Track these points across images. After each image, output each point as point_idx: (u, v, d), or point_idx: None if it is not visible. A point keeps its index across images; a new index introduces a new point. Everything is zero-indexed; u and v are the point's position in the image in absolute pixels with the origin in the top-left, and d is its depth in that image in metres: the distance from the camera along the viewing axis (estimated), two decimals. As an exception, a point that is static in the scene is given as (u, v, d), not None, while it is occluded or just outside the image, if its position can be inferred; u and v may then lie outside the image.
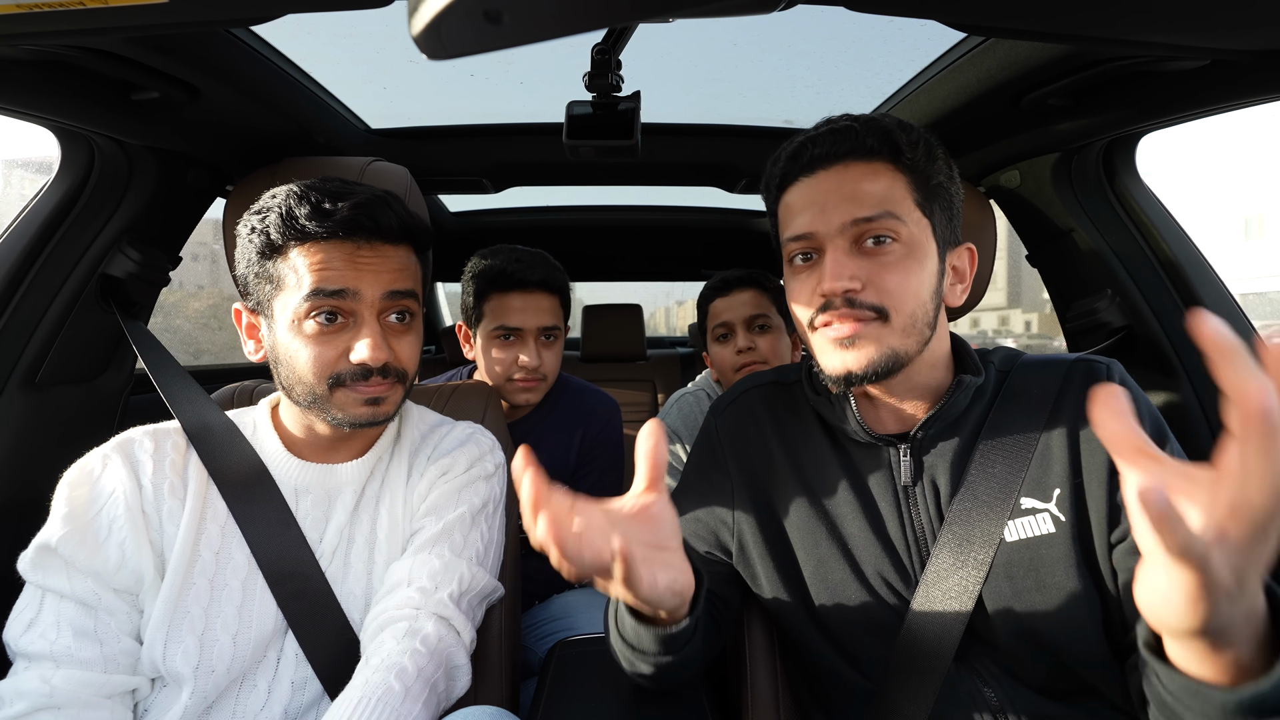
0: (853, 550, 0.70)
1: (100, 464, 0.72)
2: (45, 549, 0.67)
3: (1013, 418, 0.70)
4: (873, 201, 0.65)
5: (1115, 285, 1.13)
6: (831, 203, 0.66)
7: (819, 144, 0.67)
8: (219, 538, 0.74)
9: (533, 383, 1.24)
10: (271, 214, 0.72)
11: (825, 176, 0.67)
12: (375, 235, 0.74)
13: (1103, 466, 0.65)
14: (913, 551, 0.69)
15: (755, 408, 0.81)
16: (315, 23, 0.99)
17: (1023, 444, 0.68)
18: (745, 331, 1.40)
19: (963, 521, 0.67)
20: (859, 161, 0.67)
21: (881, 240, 0.65)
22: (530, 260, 1.24)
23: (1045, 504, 0.66)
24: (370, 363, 0.72)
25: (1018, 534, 0.65)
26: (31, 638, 0.65)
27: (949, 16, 0.62)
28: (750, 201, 2.06)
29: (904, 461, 0.71)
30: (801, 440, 0.77)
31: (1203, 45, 0.65)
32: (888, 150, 0.66)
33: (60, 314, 1.00)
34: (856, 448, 0.74)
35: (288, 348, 0.72)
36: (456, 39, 0.36)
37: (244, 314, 0.79)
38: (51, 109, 0.84)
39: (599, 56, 0.90)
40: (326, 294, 0.71)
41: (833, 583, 0.70)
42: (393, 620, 0.70)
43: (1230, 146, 28.81)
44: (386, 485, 0.82)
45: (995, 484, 0.67)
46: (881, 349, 0.65)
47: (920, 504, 0.70)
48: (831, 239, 0.66)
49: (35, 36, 0.62)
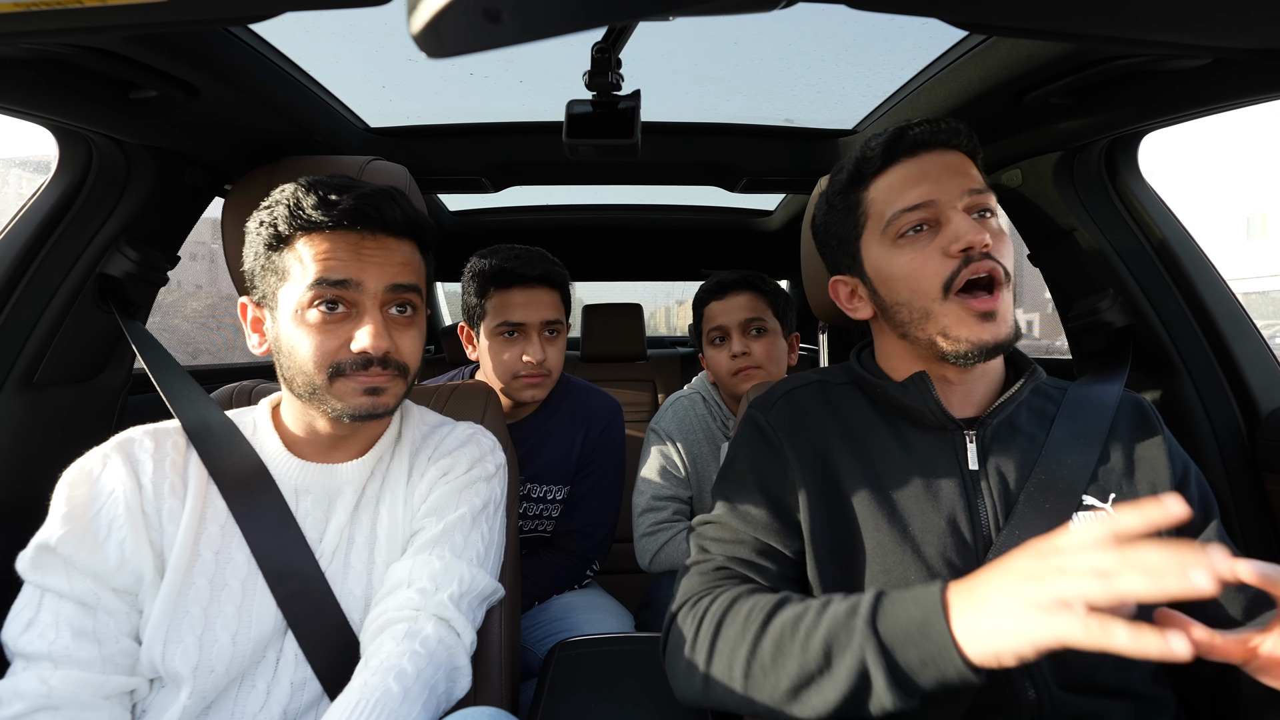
0: (914, 535, 0.70)
1: (100, 463, 0.72)
2: (44, 548, 0.67)
3: (1078, 425, 0.75)
4: (976, 178, 0.73)
5: (1117, 285, 1.13)
6: (946, 175, 0.72)
7: (919, 130, 0.73)
8: (219, 537, 0.74)
9: (538, 378, 1.24)
10: (279, 206, 0.73)
11: (929, 157, 0.73)
12: (379, 227, 0.75)
13: (1150, 484, 0.72)
14: (977, 535, 0.70)
15: (807, 400, 0.81)
16: (314, 21, 0.99)
17: (1089, 447, 0.73)
18: (741, 336, 1.39)
19: (1033, 509, 0.69)
20: (955, 150, 0.74)
21: (984, 214, 0.72)
22: (530, 256, 1.24)
23: (1103, 504, 0.70)
24: (371, 351, 0.72)
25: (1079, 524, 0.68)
26: (30, 638, 0.65)
27: (950, 15, 0.62)
28: (750, 201, 2.06)
29: (971, 447, 0.72)
30: (862, 427, 0.77)
31: (1205, 44, 0.65)
32: (971, 149, 0.75)
33: (58, 313, 0.99)
34: (919, 434, 0.74)
35: (290, 338, 0.73)
36: (456, 37, 0.36)
37: (249, 308, 0.79)
38: (49, 108, 0.84)
39: (599, 55, 0.90)
40: (330, 283, 0.71)
41: (890, 565, 0.69)
42: (392, 622, 0.70)
43: (1232, 145, 28.81)
44: (387, 485, 0.82)
45: (1065, 477, 0.70)
46: (1011, 321, 0.71)
47: (986, 491, 0.71)
48: (952, 205, 0.71)
49: (33, 35, 0.61)
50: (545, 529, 1.36)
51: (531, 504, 1.33)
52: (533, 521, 1.34)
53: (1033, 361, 0.78)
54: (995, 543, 0.68)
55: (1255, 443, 1.03)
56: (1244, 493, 1.03)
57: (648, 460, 1.46)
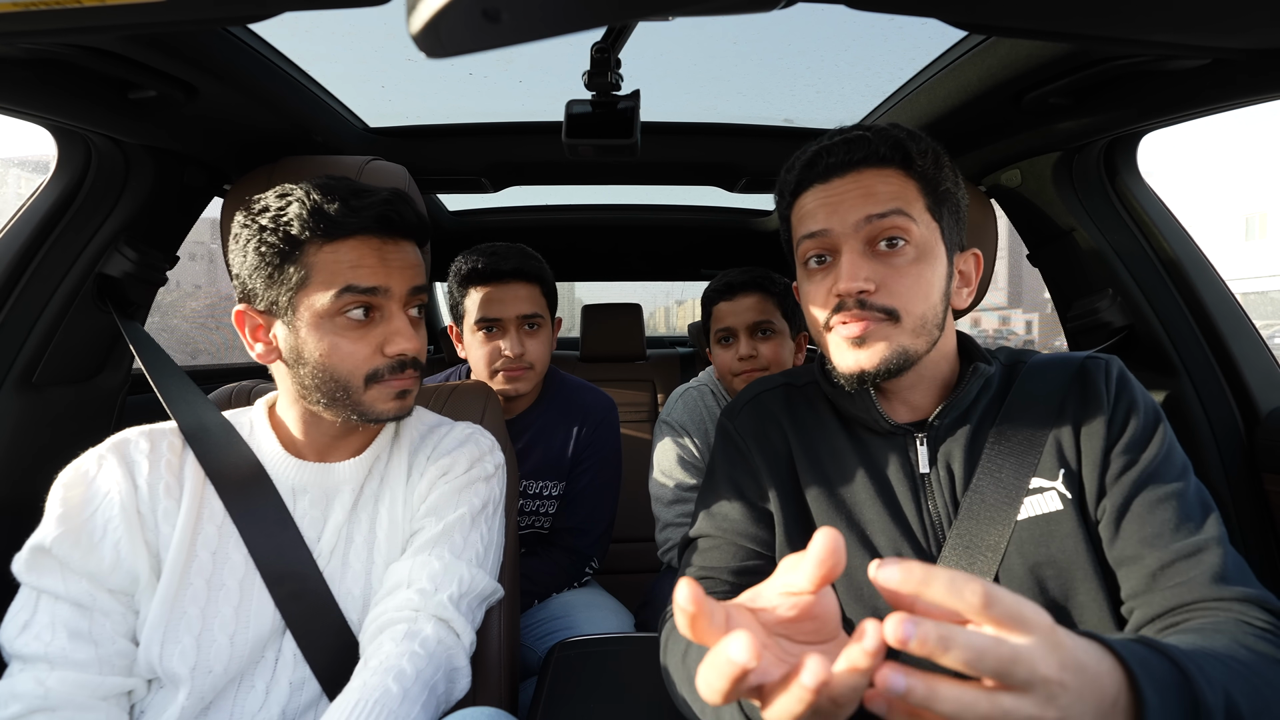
0: (870, 537, 0.71)
1: (95, 465, 0.71)
2: (40, 550, 0.66)
3: (1026, 408, 0.72)
4: (884, 199, 0.68)
5: (1116, 285, 1.13)
6: (846, 202, 0.69)
7: (834, 153, 0.70)
8: (216, 538, 0.73)
9: (518, 371, 1.26)
10: (291, 211, 0.71)
11: (839, 182, 0.70)
12: (400, 232, 0.76)
13: (1097, 452, 0.68)
14: (929, 535, 0.70)
15: (770, 407, 0.83)
16: (313, 21, 0.99)
17: (1035, 433, 0.71)
18: (748, 338, 1.40)
19: (980, 504, 0.69)
20: (872, 169, 0.69)
21: (894, 243, 0.68)
22: (505, 252, 1.27)
23: (1052, 482, 0.69)
24: (410, 353, 0.76)
25: (1028, 511, 0.68)
26: (26, 639, 0.64)
27: (950, 15, 0.62)
28: (750, 201, 2.06)
29: (921, 450, 0.73)
30: (818, 434, 0.78)
31: (1204, 44, 0.65)
32: (899, 158, 0.69)
33: (57, 314, 0.99)
34: (874, 439, 0.75)
35: (315, 345, 0.72)
36: (455, 37, 0.36)
37: (248, 315, 0.76)
38: (48, 108, 0.84)
39: (598, 55, 0.90)
40: (360, 290, 0.72)
41: (850, 569, 0.71)
42: (392, 622, 0.70)
43: (1231, 145, 28.83)
44: (386, 484, 0.82)
45: (1010, 469, 0.69)
46: (892, 347, 0.68)
47: (936, 490, 0.71)
48: (846, 239, 0.69)
49: (32, 35, 0.61)
50: (542, 525, 1.36)
51: (527, 500, 1.34)
52: (529, 518, 1.35)
53: (985, 355, 0.76)
54: (945, 545, 0.69)
55: (1254, 443, 1.03)
56: (1243, 493, 1.03)
57: (663, 452, 1.45)
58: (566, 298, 41.33)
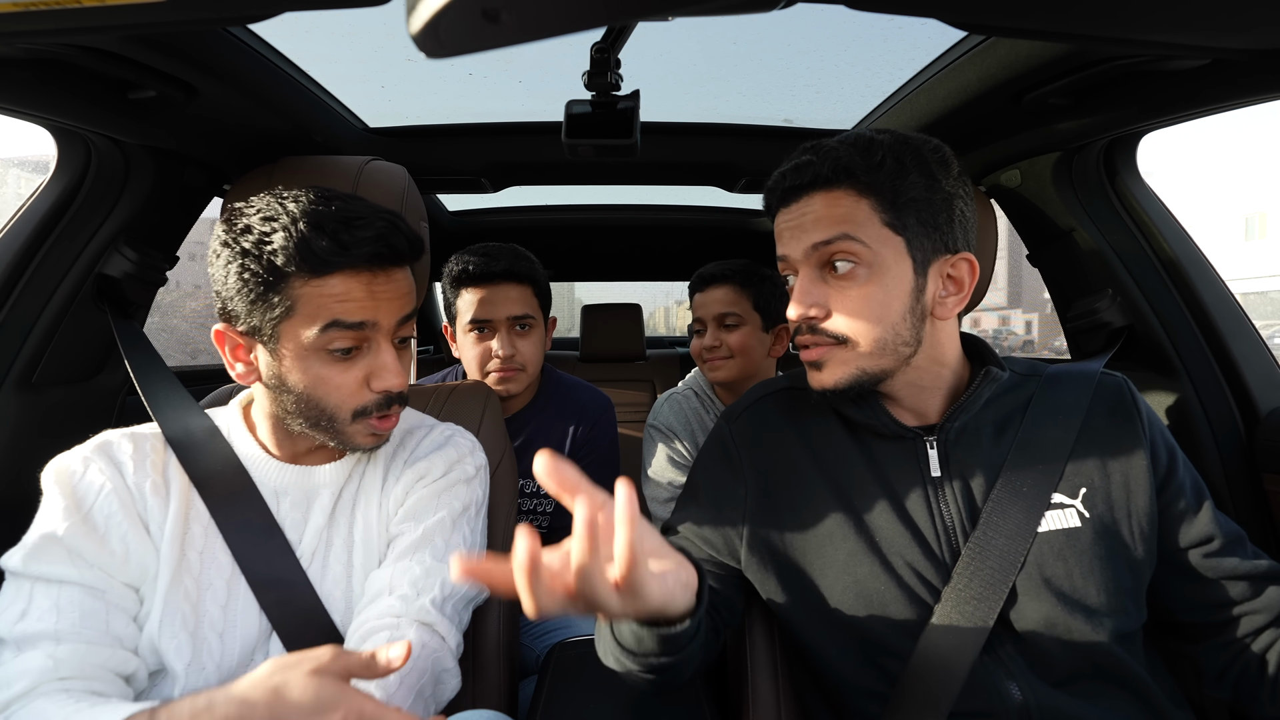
0: (880, 544, 0.71)
1: (81, 465, 0.71)
2: (51, 539, 0.65)
3: (1050, 422, 0.73)
4: (829, 224, 0.68)
5: (1116, 285, 1.13)
6: (800, 227, 0.71)
7: (787, 177, 0.72)
8: (202, 538, 0.73)
9: (510, 372, 1.26)
10: (276, 240, 0.67)
11: (796, 206, 0.72)
12: (390, 261, 0.72)
13: (1124, 476, 0.71)
14: (943, 542, 0.70)
15: (772, 412, 0.82)
16: (313, 21, 0.99)
17: (1058, 444, 0.71)
18: (715, 329, 1.43)
19: (1000, 515, 0.68)
20: (820, 191, 0.70)
21: (843, 266, 0.68)
22: (496, 253, 1.26)
23: (1072, 500, 0.70)
24: (396, 389, 0.74)
25: (1049, 525, 0.68)
26: (29, 622, 0.63)
27: (949, 15, 0.62)
28: (750, 201, 2.06)
29: (932, 454, 0.72)
30: (824, 439, 0.77)
31: (1203, 44, 0.65)
32: (844, 177, 0.68)
33: (56, 314, 0.99)
34: (881, 443, 0.75)
35: (298, 376, 0.71)
36: (455, 37, 0.36)
37: (227, 335, 0.73)
38: (48, 108, 0.84)
39: (598, 55, 0.90)
40: (346, 326, 0.69)
41: (860, 575, 0.70)
42: (375, 630, 0.70)
43: (1231, 146, 28.84)
44: (363, 490, 0.82)
45: (1031, 481, 0.70)
46: (849, 369, 0.70)
47: (950, 496, 0.71)
48: (800, 264, 0.71)
49: (31, 35, 0.61)
50: (541, 524, 1.36)
51: (525, 499, 1.34)
52: (526, 516, 1.35)
53: (997, 359, 0.75)
54: (964, 552, 0.68)
55: (1254, 443, 1.03)
56: (1243, 493, 1.03)
57: (655, 455, 1.47)
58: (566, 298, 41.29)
